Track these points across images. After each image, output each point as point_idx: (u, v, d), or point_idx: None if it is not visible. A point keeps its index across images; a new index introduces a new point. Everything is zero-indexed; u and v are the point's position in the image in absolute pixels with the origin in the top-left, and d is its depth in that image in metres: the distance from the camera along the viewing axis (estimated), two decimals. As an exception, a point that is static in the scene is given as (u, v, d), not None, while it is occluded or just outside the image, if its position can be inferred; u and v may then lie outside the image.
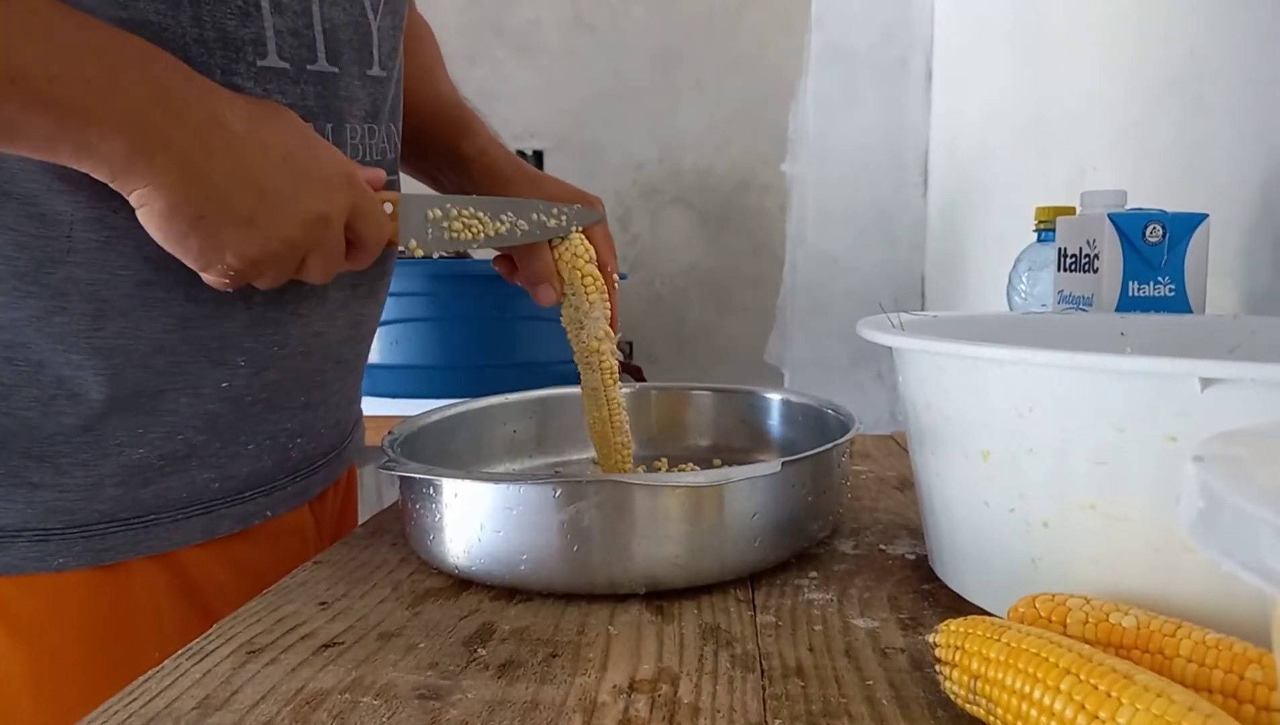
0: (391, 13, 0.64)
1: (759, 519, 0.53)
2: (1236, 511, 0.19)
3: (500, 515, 0.52)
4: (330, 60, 0.58)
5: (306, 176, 0.50)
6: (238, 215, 0.48)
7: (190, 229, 0.47)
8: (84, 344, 0.53)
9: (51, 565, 0.54)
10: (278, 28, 0.55)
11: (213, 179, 0.47)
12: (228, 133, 0.47)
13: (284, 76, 0.55)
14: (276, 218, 0.49)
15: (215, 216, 0.47)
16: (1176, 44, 0.95)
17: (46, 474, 0.54)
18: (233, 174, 0.47)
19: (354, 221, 0.53)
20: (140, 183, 0.46)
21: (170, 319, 0.54)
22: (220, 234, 0.48)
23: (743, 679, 0.42)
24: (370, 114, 0.62)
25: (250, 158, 0.48)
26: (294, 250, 0.50)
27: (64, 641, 0.55)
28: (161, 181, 0.46)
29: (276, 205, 0.49)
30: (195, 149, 0.46)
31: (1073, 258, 0.76)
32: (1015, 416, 0.43)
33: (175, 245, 0.48)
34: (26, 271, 0.51)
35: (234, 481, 0.61)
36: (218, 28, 0.52)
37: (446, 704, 0.39)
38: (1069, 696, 0.31)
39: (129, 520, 0.56)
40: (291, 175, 0.49)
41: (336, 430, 0.71)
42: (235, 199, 0.47)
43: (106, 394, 0.54)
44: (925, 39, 2.01)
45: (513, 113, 2.26)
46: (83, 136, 0.44)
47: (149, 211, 0.47)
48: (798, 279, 2.11)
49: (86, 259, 0.51)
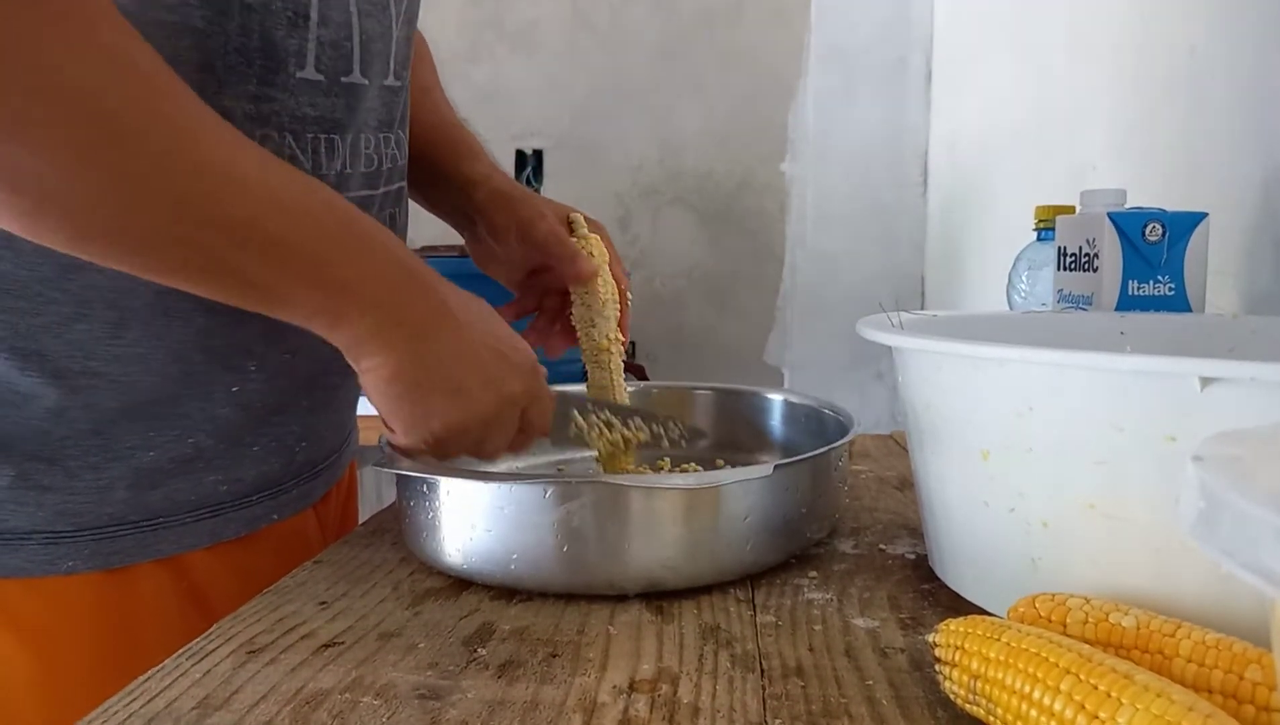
0: (408, 23, 0.64)
1: (752, 521, 0.53)
2: (1236, 511, 0.19)
3: (492, 514, 0.52)
4: (363, 72, 0.59)
5: (507, 361, 0.55)
6: (450, 386, 0.52)
7: (406, 393, 0.52)
8: (103, 352, 0.53)
9: (61, 568, 0.54)
10: (321, 39, 0.55)
11: (436, 354, 0.52)
12: (451, 316, 0.52)
13: (317, 88, 0.56)
14: (482, 393, 0.53)
15: (431, 385, 0.52)
16: (1176, 44, 0.95)
17: (56, 477, 0.54)
18: (452, 351, 0.52)
19: (529, 408, 0.57)
20: (375, 353, 0.50)
21: (190, 329, 0.55)
22: (432, 401, 0.52)
23: (742, 679, 0.42)
24: (385, 123, 0.63)
25: (466, 340, 0.53)
26: (487, 425, 0.55)
27: (69, 645, 0.55)
28: (393, 353, 0.50)
29: (483, 382, 0.54)
30: (427, 327, 0.51)
31: (1072, 257, 0.76)
32: (1015, 416, 0.43)
33: (390, 404, 0.53)
34: (49, 277, 0.51)
35: (241, 484, 0.61)
36: (265, 38, 0.52)
37: (446, 704, 0.39)
38: (1069, 696, 0.31)
39: (138, 523, 0.56)
40: (495, 358, 0.54)
41: (338, 432, 0.71)
42: (451, 372, 0.52)
43: (121, 401, 0.54)
44: (925, 39, 2.01)
45: (513, 112, 2.26)
46: (340, 312, 0.49)
47: (375, 377, 0.51)
48: (798, 279, 2.11)
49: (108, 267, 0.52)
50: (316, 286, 0.48)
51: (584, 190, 2.21)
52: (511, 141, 2.21)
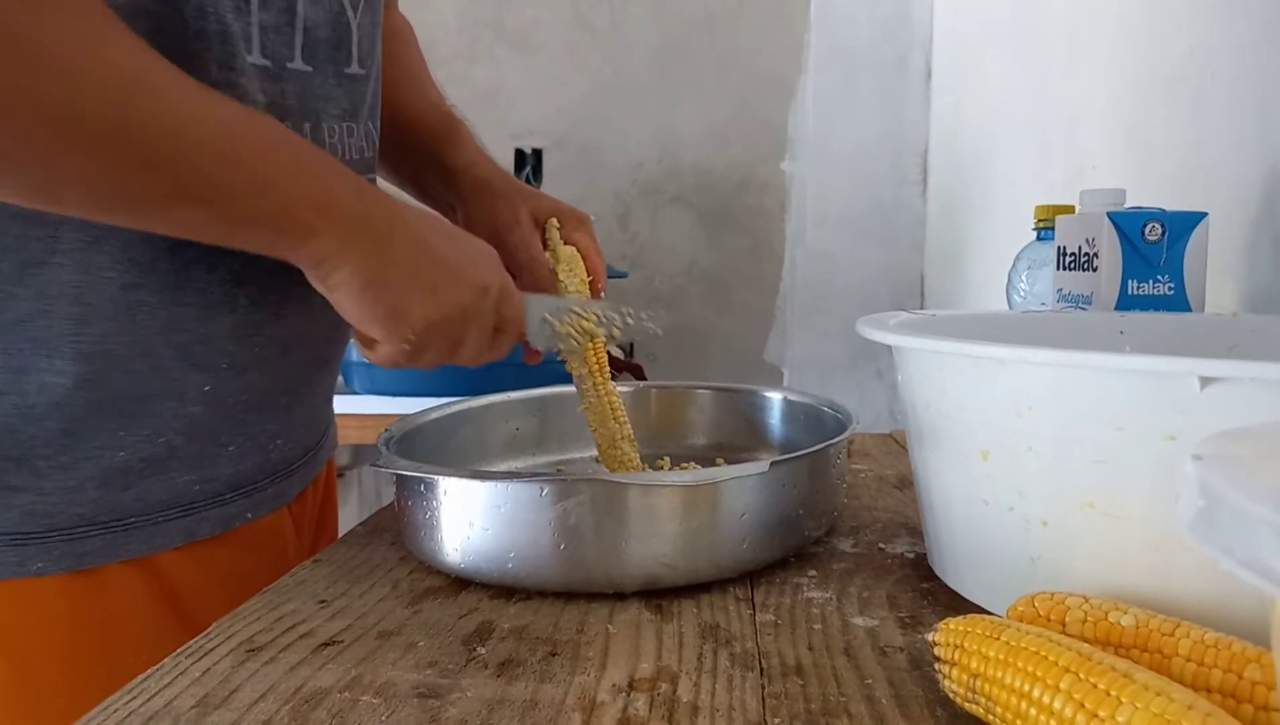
0: (370, 10, 0.63)
1: (749, 518, 0.53)
2: (1236, 510, 0.19)
3: (489, 513, 0.52)
4: (306, 59, 0.58)
5: (468, 249, 0.57)
6: (420, 280, 0.54)
7: (379, 296, 0.52)
8: (68, 348, 0.52)
9: (30, 570, 0.53)
10: (262, 24, 0.55)
11: (398, 251, 0.53)
12: (408, 220, 0.54)
13: (266, 74, 0.55)
14: (451, 284, 0.55)
15: (401, 283, 0.53)
16: (1176, 44, 0.95)
17: (25, 477, 0.53)
18: (413, 247, 0.54)
19: (500, 300, 0.58)
20: (344, 266, 0.51)
21: (155, 323, 0.54)
22: (406, 298, 0.53)
23: (742, 678, 0.42)
24: (348, 112, 0.62)
25: (423, 234, 0.55)
26: (465, 317, 0.56)
27: (40, 647, 0.54)
28: (363, 264, 0.51)
29: (450, 273, 0.55)
30: (388, 233, 0.52)
31: (1072, 256, 0.76)
32: (1014, 415, 0.43)
33: (366, 312, 0.53)
34: (10, 273, 0.50)
35: (215, 483, 0.60)
36: (219, 20, 0.52)
37: (446, 703, 0.39)
38: (1069, 695, 0.31)
39: (108, 523, 0.56)
40: (456, 248, 0.56)
41: (313, 430, 0.71)
42: (417, 267, 0.54)
43: (88, 398, 0.53)
44: (925, 38, 2.01)
45: (512, 112, 2.26)
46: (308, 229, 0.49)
47: (346, 289, 0.52)
48: (797, 278, 2.11)
49: (72, 261, 0.51)
50: (282, 206, 0.48)
51: (584, 189, 2.21)
52: (511, 141, 2.21)
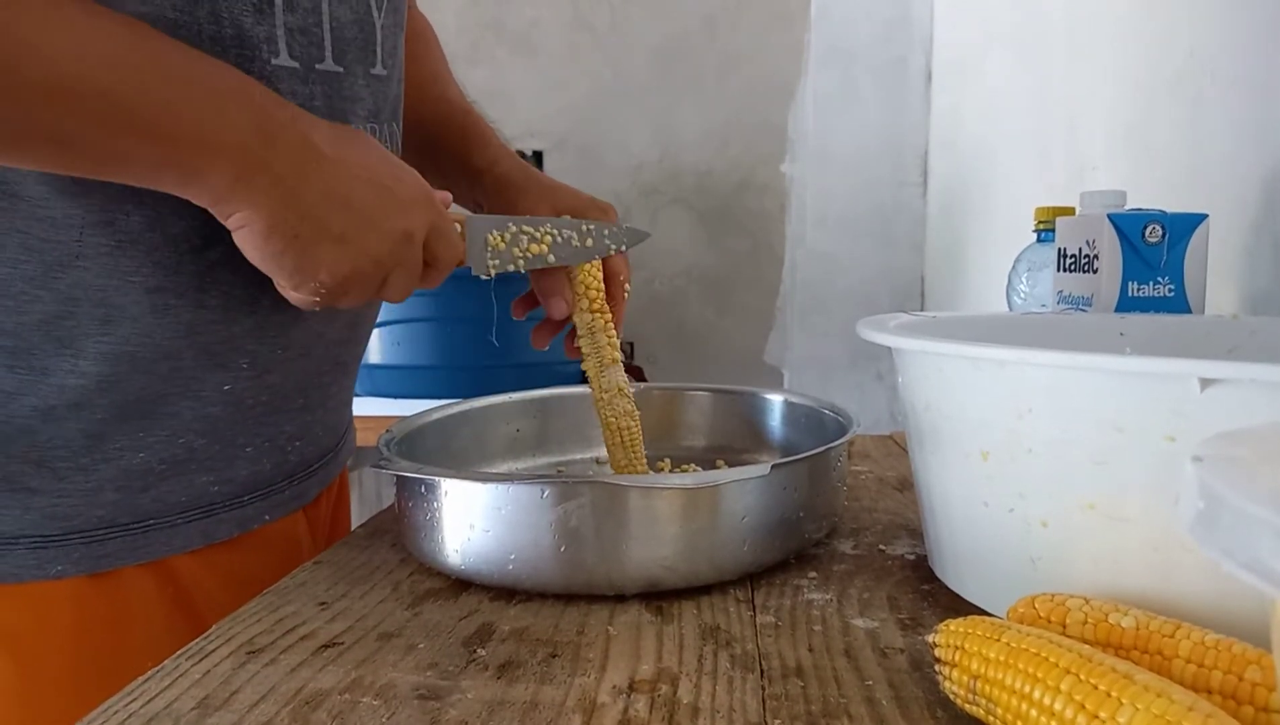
0: (394, 10, 0.63)
1: (750, 521, 0.53)
2: (1236, 511, 0.19)
3: (490, 515, 0.52)
4: (336, 59, 0.58)
5: (391, 195, 0.51)
6: (331, 233, 0.49)
7: (286, 247, 0.48)
8: (91, 350, 0.52)
9: (49, 573, 0.53)
10: (289, 25, 0.54)
11: (308, 199, 0.48)
12: (318, 156, 0.49)
13: (294, 76, 0.55)
14: (366, 235, 0.50)
15: (310, 235, 0.49)
16: (1176, 44, 0.95)
17: (45, 479, 0.53)
18: (326, 195, 0.49)
19: (431, 240, 0.54)
20: (242, 207, 0.47)
21: (180, 326, 0.54)
22: (314, 251, 0.49)
23: (742, 679, 0.42)
24: (373, 113, 0.62)
25: (340, 179, 0.49)
26: (380, 267, 0.52)
27: (53, 651, 0.54)
28: (262, 204, 0.47)
29: (366, 223, 0.50)
30: (291, 172, 0.48)
31: (1072, 258, 0.76)
32: (1015, 416, 0.43)
33: (271, 263, 0.49)
34: (35, 275, 0.50)
35: (233, 485, 0.61)
36: (235, 24, 0.51)
37: (446, 704, 0.39)
38: (1069, 696, 0.31)
39: (128, 525, 0.56)
40: (377, 195, 0.51)
41: (332, 433, 0.71)
42: (329, 218, 0.49)
43: (109, 400, 0.53)
44: (925, 38, 2.01)
45: (512, 113, 2.26)
46: (192, 165, 0.46)
47: (248, 233, 0.48)
48: (797, 279, 2.11)
49: (96, 263, 0.51)
50: (155, 139, 0.44)
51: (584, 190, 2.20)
52: (512, 142, 2.19)
